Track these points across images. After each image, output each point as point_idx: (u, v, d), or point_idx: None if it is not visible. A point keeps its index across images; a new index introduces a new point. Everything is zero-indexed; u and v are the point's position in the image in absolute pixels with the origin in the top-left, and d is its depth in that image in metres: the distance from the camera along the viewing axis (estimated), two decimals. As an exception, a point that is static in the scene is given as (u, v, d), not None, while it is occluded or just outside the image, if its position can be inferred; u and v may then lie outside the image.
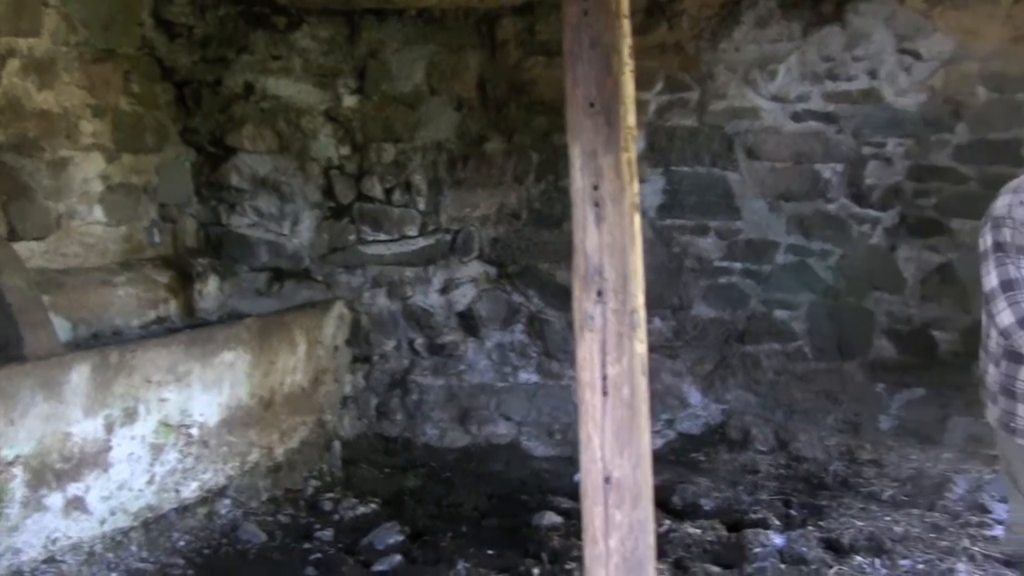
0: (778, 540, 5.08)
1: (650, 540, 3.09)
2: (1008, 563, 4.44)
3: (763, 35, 6.42)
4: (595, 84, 3.00)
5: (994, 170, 6.06)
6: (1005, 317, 3.60)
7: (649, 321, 6.63)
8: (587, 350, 3.05)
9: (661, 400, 6.64)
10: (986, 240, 3.68)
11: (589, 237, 3.02)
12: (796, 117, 6.49)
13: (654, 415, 6.57)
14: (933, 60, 6.17)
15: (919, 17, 6.15)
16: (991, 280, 3.64)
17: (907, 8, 6.16)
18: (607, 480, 3.03)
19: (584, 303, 3.05)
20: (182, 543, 5.39)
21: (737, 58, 6.48)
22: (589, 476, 3.07)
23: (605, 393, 3.02)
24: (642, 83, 6.48)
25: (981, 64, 6.06)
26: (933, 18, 6.12)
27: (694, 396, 6.76)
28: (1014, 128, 6.01)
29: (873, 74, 6.31)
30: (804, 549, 4.98)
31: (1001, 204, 3.70)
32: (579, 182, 3.03)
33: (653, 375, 6.49)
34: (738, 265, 6.66)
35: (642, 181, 6.54)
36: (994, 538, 5.07)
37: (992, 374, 3.80)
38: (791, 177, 6.53)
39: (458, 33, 6.77)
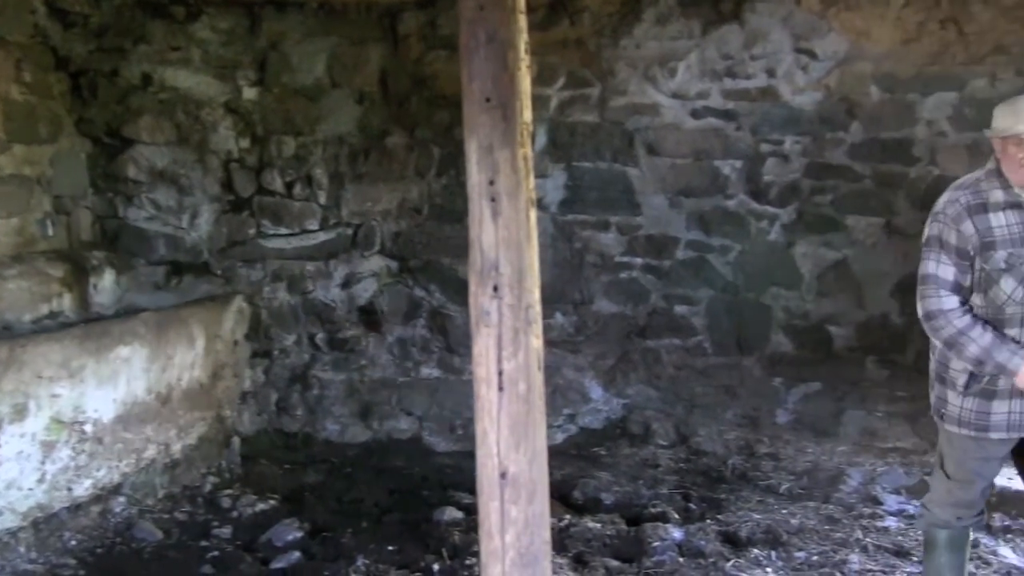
0: (677, 534, 5.12)
1: (546, 535, 3.08)
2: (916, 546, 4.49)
3: (663, 32, 6.47)
4: (491, 79, 2.97)
5: (887, 168, 6.21)
6: (920, 308, 3.86)
7: (551, 316, 6.77)
8: (483, 345, 3.03)
9: (563, 395, 6.68)
10: (924, 232, 3.89)
11: (485, 232, 3.00)
12: (696, 114, 6.55)
13: (556, 410, 6.68)
14: (828, 60, 6.27)
15: (815, 18, 6.25)
16: (919, 271, 3.88)
17: (803, 9, 6.26)
18: (503, 475, 3.01)
19: (480, 298, 3.03)
20: (74, 543, 5.25)
21: (638, 55, 6.52)
22: (485, 471, 3.05)
23: (501, 388, 3.00)
24: (544, 79, 6.52)
25: (874, 64, 6.18)
26: (828, 19, 6.22)
27: (596, 391, 6.79)
28: (905, 127, 6.14)
29: (771, 72, 6.40)
30: (702, 542, 5.04)
31: (941, 200, 3.88)
32: (475, 177, 3.00)
33: (555, 370, 6.62)
34: (639, 260, 6.72)
35: (544, 176, 6.66)
36: (886, 529, 5.19)
37: (931, 361, 4.02)
38: (691, 173, 6.60)
39: (360, 26, 6.71)
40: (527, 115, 3.05)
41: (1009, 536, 5.10)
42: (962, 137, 5.96)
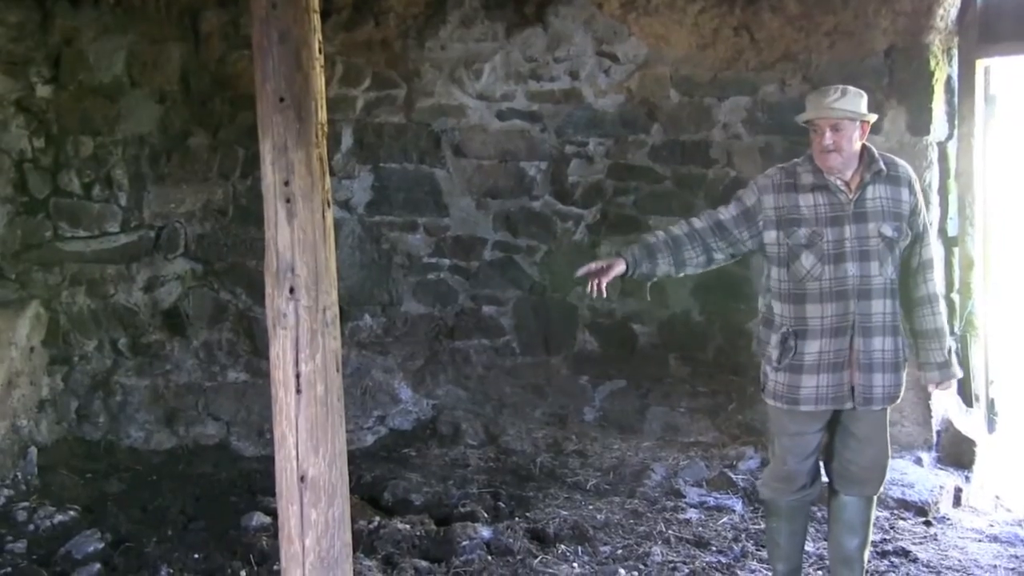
0: (485, 532, 5.15)
1: (347, 538, 3.06)
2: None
3: (468, 34, 6.52)
4: (285, 79, 2.94)
5: (686, 170, 6.40)
6: None
7: (359, 318, 6.73)
8: (280, 348, 2.99)
9: (372, 396, 6.66)
10: None
11: (280, 234, 2.96)
12: (501, 116, 6.63)
13: (366, 412, 6.65)
14: (629, 63, 6.42)
15: (615, 22, 6.39)
16: None
17: (604, 13, 6.38)
18: (302, 479, 2.98)
19: (276, 300, 2.99)
20: None
21: (444, 56, 6.55)
22: (284, 475, 3.01)
23: (299, 391, 2.98)
24: (350, 80, 6.49)
25: (672, 68, 6.35)
26: (628, 23, 6.36)
27: (405, 392, 6.79)
28: (703, 130, 6.33)
29: (574, 75, 6.51)
30: (511, 540, 5.07)
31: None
32: (270, 177, 2.96)
33: (364, 372, 6.58)
34: (447, 261, 6.76)
35: (351, 178, 6.62)
36: (687, 521, 5.35)
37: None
38: (497, 175, 6.67)
39: (160, 24, 6.52)
40: (322, 115, 3.03)
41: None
42: (755, 140, 6.18)
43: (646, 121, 6.46)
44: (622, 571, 4.80)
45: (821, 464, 4.27)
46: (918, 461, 5.74)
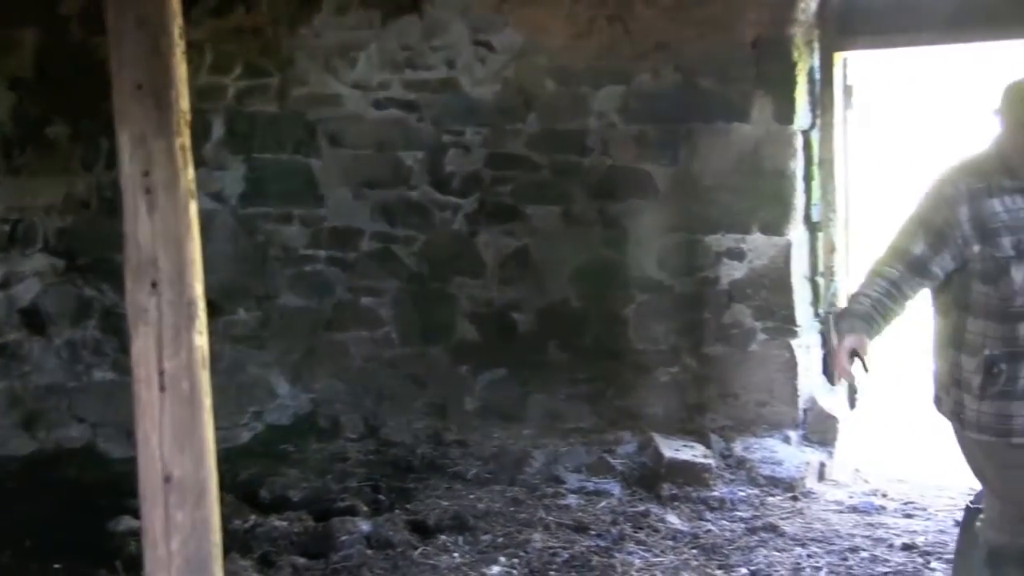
0: (365, 526, 5.09)
1: (214, 539, 2.97)
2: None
3: (343, 22, 6.44)
4: (143, 65, 2.84)
5: (563, 158, 6.39)
6: None
7: (233, 312, 6.60)
8: (142, 345, 2.88)
9: (248, 392, 6.54)
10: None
11: (141, 226, 2.85)
12: (378, 105, 6.57)
13: (242, 408, 6.52)
14: (506, 53, 6.40)
15: (492, 11, 6.37)
16: None
17: (481, 2, 6.36)
18: (167, 480, 2.88)
19: (138, 295, 2.87)
20: None
21: (317, 44, 6.47)
22: (148, 477, 2.90)
23: (163, 389, 2.87)
24: (220, 68, 6.36)
25: (549, 58, 6.34)
26: (504, 12, 6.34)
27: (282, 387, 6.70)
28: (579, 119, 6.33)
29: (451, 64, 6.47)
30: (391, 533, 5.03)
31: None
32: (128, 168, 2.85)
33: (239, 367, 6.46)
34: (324, 253, 6.68)
35: (223, 169, 6.48)
36: (567, 507, 5.38)
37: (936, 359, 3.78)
38: (374, 165, 6.61)
39: (11, 5, 6.23)
40: (184, 103, 2.93)
41: (676, 504, 5.37)
42: (630, 128, 6.20)
43: (523, 110, 6.43)
44: (502, 559, 4.79)
45: None
46: (786, 439, 5.88)
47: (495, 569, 4.72)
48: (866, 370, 3.74)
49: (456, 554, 4.87)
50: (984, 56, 6.35)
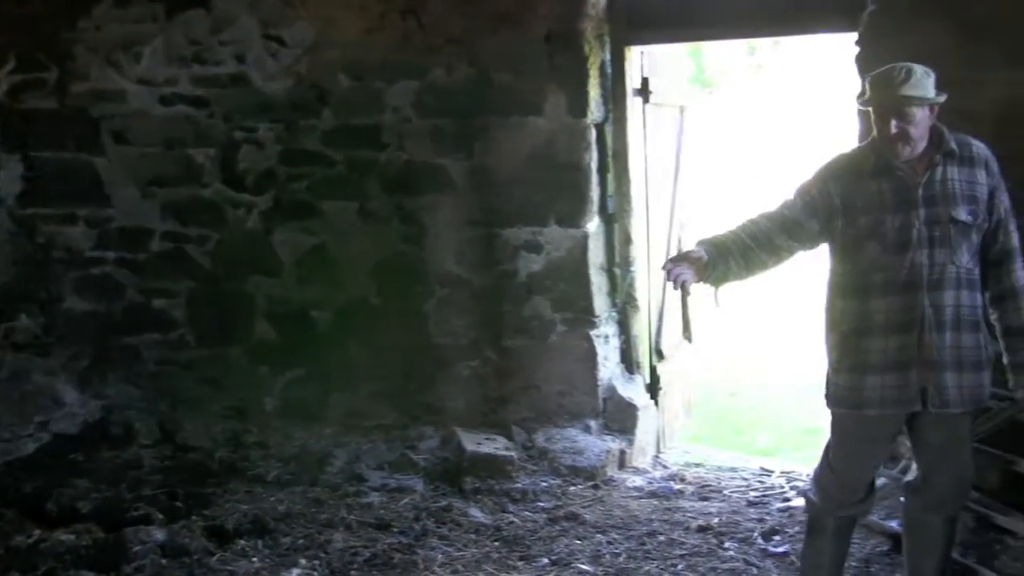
0: (160, 535, 4.94)
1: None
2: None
3: (125, 15, 6.23)
4: None
5: (358, 154, 6.33)
6: None
7: (14, 318, 6.29)
8: None
9: (33, 401, 6.28)
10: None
11: None
12: (165, 101, 6.38)
13: (26, 418, 6.24)
14: (297, 47, 6.29)
15: (282, 5, 6.24)
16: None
17: (271, -5, 6.25)
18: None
19: None
20: None
21: (99, 38, 6.24)
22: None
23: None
24: (-9, 60, 6.04)
25: (341, 52, 6.26)
26: (295, 6, 6.23)
27: (70, 394, 6.45)
28: (374, 114, 6.27)
29: (241, 59, 6.33)
30: (187, 540, 4.90)
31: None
32: None
33: (22, 376, 6.18)
34: (112, 254, 6.47)
35: (-4, 167, 6.17)
36: (369, 505, 5.35)
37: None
38: (164, 162, 6.42)
39: None
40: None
41: (479, 497, 5.43)
42: (425, 123, 6.19)
43: (317, 105, 6.34)
44: (303, 561, 4.74)
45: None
46: (587, 429, 6.00)
47: (295, 572, 4.66)
48: (686, 292, 3.75)
49: (255, 558, 4.79)
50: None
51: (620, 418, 6.05)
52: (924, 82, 3.58)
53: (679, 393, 6.72)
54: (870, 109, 3.68)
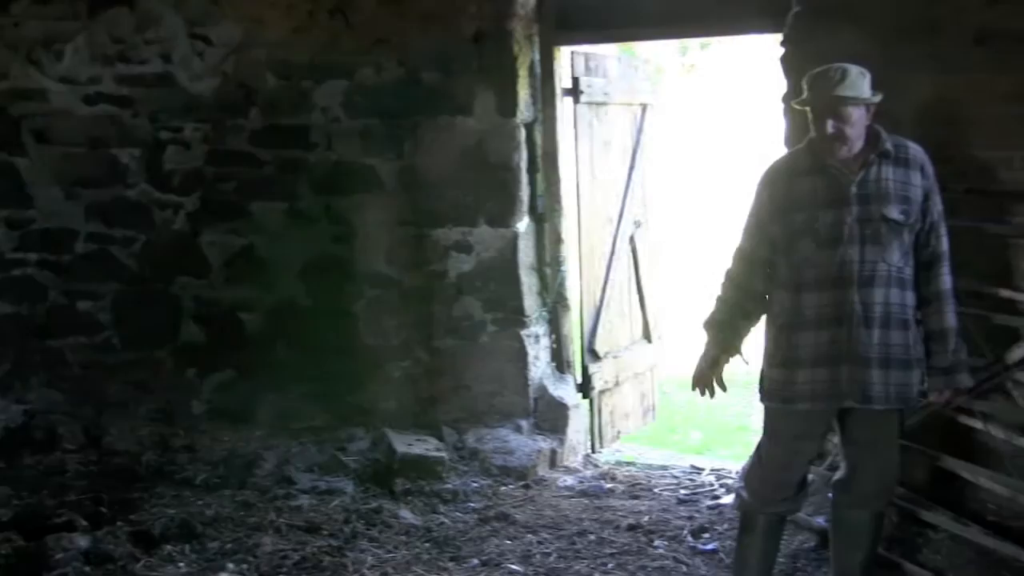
0: (83, 542, 4.82)
1: None
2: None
3: (46, 12, 6.18)
4: None
5: (287, 154, 6.30)
6: None
7: (-69, 322, 6.15)
8: None
9: (-49, 407, 6.12)
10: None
11: None
12: (89, 100, 6.33)
13: (-56, 425, 6.08)
14: (224, 46, 6.25)
15: (208, 3, 6.20)
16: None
17: (196, -7, 6.18)
18: None
19: None
20: None
21: (18, 35, 6.19)
22: None
23: None
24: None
25: (269, 51, 6.22)
26: (221, 5, 6.19)
27: (-9, 399, 6.31)
28: (302, 114, 6.24)
29: (167, 58, 6.28)
30: (112, 546, 4.79)
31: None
32: None
33: (-59, 382, 6.01)
34: (34, 256, 6.42)
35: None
36: (299, 508, 5.29)
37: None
38: (87, 163, 6.36)
39: None
40: None
41: (409, 498, 5.40)
42: (355, 123, 6.15)
43: (244, 105, 6.29)
44: (231, 566, 4.66)
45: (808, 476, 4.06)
46: (518, 428, 6.01)
47: (222, 577, 4.61)
48: (723, 389, 4.06)
49: (182, 564, 4.70)
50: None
51: (551, 418, 6.07)
52: (859, 83, 3.66)
53: (633, 393, 6.70)
54: (807, 109, 3.74)
